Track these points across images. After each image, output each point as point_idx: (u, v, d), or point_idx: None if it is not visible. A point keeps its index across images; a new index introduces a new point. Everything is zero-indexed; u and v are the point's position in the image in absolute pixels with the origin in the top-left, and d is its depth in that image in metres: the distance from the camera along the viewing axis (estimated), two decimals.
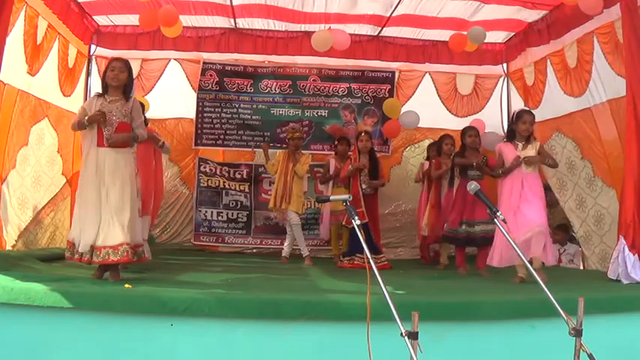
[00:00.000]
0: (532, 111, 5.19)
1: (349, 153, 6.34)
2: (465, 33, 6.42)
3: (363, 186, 6.01)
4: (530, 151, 4.73)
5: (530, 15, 6.28)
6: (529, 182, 4.67)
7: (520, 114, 4.80)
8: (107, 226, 3.90)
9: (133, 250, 3.97)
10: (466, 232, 5.29)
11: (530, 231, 4.48)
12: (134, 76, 4.69)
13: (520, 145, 4.74)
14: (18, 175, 5.33)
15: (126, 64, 4.17)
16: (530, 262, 4.47)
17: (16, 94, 5.17)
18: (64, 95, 6.16)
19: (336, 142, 6.72)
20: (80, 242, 3.92)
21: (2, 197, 5.01)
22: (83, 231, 3.92)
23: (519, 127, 4.74)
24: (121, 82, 4.09)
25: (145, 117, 5.08)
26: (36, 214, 5.69)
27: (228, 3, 6.30)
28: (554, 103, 6.21)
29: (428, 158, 6.80)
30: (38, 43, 5.49)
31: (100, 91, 4.17)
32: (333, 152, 6.89)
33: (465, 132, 5.64)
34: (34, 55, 5.43)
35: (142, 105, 5.19)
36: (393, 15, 6.48)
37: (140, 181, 4.46)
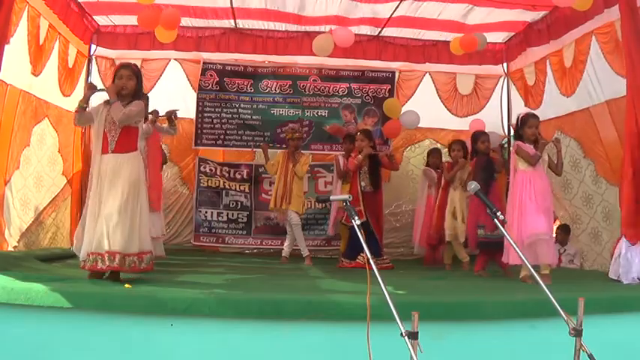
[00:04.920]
0: (534, 111, 5.18)
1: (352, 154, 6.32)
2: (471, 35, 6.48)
3: (362, 184, 6.00)
4: (543, 154, 4.74)
5: (531, 15, 6.29)
6: (540, 183, 4.65)
7: (525, 119, 4.76)
8: (100, 233, 3.76)
9: (124, 258, 3.79)
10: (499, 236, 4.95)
11: (534, 236, 4.46)
12: None
13: (531, 147, 4.74)
14: (21, 176, 5.33)
15: (133, 70, 4.05)
16: (537, 267, 4.50)
17: (19, 95, 5.17)
18: (64, 95, 6.17)
19: (342, 141, 6.74)
20: (81, 250, 3.86)
21: (5, 199, 5.01)
22: (83, 239, 3.86)
23: (526, 131, 4.72)
24: (130, 91, 3.98)
25: (148, 112, 5.08)
26: (37, 214, 5.69)
27: (229, 5, 6.33)
28: (555, 103, 6.21)
29: (428, 164, 6.75)
30: (41, 44, 5.49)
31: (109, 98, 4.02)
32: (332, 152, 6.92)
33: (477, 138, 5.60)
34: (37, 56, 5.43)
35: (147, 100, 5.13)
36: (394, 16, 6.50)
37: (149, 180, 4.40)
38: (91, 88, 4.13)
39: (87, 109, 4.01)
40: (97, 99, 4.16)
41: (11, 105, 5.04)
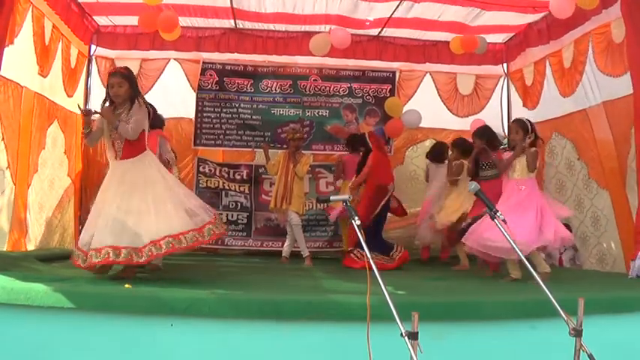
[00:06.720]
0: (531, 112, 5.16)
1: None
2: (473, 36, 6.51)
3: None
4: (521, 159, 4.58)
5: (531, 16, 6.30)
6: (519, 191, 4.59)
7: (508, 126, 4.74)
8: (117, 226, 3.78)
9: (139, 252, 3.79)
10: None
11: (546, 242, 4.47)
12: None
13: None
14: (39, 179, 5.34)
15: (123, 75, 3.98)
16: (533, 266, 4.47)
17: (33, 97, 5.18)
18: (68, 96, 6.18)
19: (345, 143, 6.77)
20: (89, 244, 3.83)
21: (28, 202, 5.02)
22: (92, 234, 3.85)
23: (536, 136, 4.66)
24: (122, 98, 3.95)
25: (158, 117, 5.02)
26: (48, 216, 5.71)
27: (229, 5, 6.33)
28: (553, 103, 6.22)
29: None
30: (46, 44, 5.49)
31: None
32: (334, 152, 6.94)
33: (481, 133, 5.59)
34: (44, 56, 5.44)
35: (150, 108, 4.84)
36: (394, 16, 6.52)
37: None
38: (87, 114, 4.09)
39: (91, 131, 4.04)
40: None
41: (28, 107, 5.05)
